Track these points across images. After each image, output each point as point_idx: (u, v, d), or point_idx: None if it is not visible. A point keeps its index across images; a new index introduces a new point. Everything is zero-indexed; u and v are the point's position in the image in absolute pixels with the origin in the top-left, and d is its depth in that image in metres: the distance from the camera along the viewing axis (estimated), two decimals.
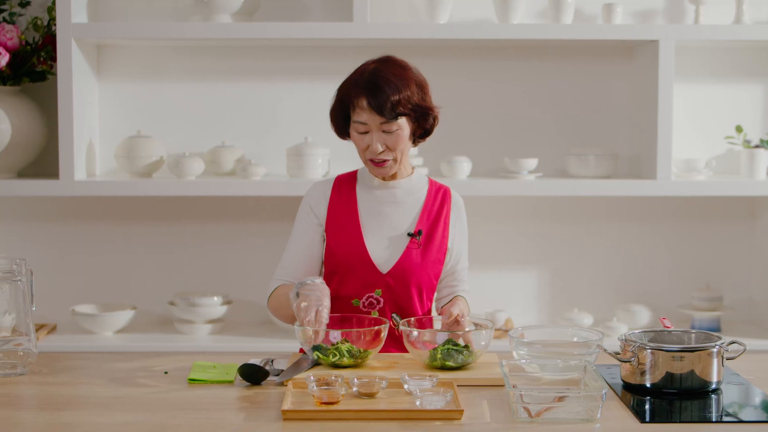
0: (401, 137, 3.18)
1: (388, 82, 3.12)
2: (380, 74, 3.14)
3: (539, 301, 4.71)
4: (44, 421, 2.54)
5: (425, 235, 3.27)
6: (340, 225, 3.27)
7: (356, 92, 3.15)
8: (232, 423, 2.52)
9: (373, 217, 3.28)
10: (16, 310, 2.98)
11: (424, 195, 3.33)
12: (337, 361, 2.91)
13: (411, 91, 3.16)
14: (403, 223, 3.28)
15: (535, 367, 2.79)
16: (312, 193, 3.35)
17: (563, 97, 4.63)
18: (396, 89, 3.12)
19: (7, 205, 4.61)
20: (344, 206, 3.29)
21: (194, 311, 4.43)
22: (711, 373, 2.77)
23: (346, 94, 3.18)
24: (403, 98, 3.13)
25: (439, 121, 3.28)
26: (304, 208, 3.34)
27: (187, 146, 4.57)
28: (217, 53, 4.58)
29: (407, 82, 3.16)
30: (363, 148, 3.20)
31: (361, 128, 3.17)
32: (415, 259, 3.24)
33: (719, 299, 4.56)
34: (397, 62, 3.22)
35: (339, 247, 3.25)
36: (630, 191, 4.32)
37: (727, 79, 4.65)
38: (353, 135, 3.21)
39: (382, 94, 3.11)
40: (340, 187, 3.33)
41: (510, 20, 4.35)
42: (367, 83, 3.14)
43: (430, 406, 2.56)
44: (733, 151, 4.67)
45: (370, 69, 3.18)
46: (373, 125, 3.15)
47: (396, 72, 3.16)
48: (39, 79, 4.43)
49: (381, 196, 3.30)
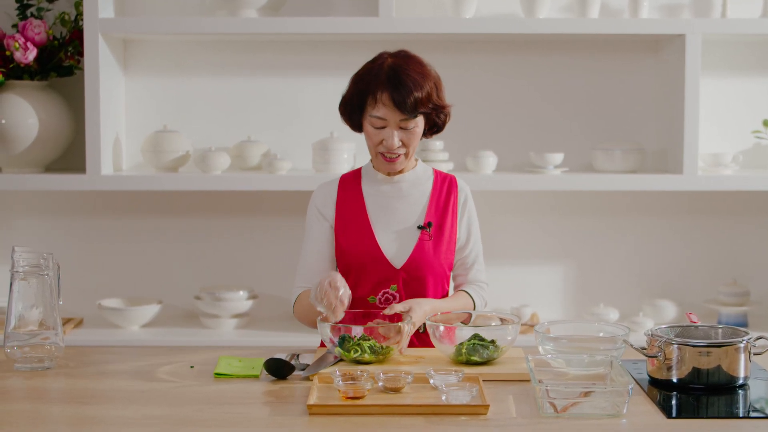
0: (417, 134, 3.18)
1: (411, 78, 3.11)
2: (402, 70, 3.12)
3: (565, 296, 4.70)
4: (71, 415, 2.56)
5: (435, 227, 3.26)
6: (350, 224, 3.26)
7: (377, 86, 3.12)
8: (258, 417, 2.52)
9: (382, 212, 3.27)
10: (44, 304, 2.99)
11: (430, 186, 3.31)
12: (359, 357, 2.91)
13: (430, 89, 3.14)
14: (412, 216, 3.27)
15: (561, 362, 2.78)
16: (318, 195, 3.33)
17: (589, 92, 4.62)
18: (418, 86, 3.11)
19: (34, 199, 4.63)
20: (352, 205, 3.28)
21: (220, 306, 4.44)
22: (738, 369, 2.75)
23: (365, 87, 3.15)
24: (424, 96, 3.12)
25: (450, 118, 3.27)
26: (312, 212, 3.32)
27: (213, 141, 4.58)
28: (243, 48, 4.58)
29: (427, 79, 3.15)
30: (377, 142, 3.18)
31: (378, 123, 3.15)
32: (428, 252, 3.23)
33: (746, 294, 4.54)
34: (416, 58, 3.21)
35: (351, 246, 3.24)
36: (656, 186, 4.31)
37: (754, 72, 4.63)
38: (367, 128, 3.19)
39: (405, 89, 3.09)
40: (345, 186, 3.31)
41: (536, 15, 4.34)
42: (390, 78, 3.11)
43: (456, 401, 2.56)
44: (760, 145, 4.65)
45: (390, 63, 3.16)
46: (392, 121, 3.13)
47: (417, 68, 3.15)
48: (66, 74, 4.45)
49: (387, 191, 3.29)
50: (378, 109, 3.13)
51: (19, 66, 4.33)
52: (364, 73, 3.19)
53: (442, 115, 3.22)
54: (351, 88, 3.22)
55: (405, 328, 2.95)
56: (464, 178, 4.26)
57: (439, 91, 3.19)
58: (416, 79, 3.11)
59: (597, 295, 4.68)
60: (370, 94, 3.14)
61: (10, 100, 4.34)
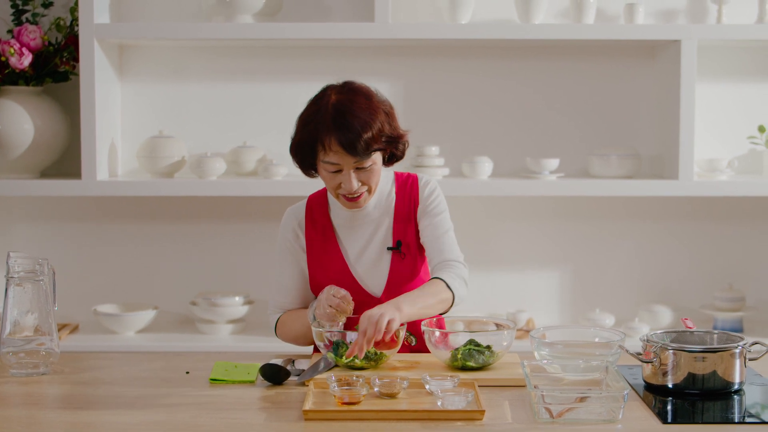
0: (376, 171, 3.03)
1: (357, 118, 2.93)
2: (347, 110, 2.94)
3: (561, 301, 4.70)
4: (66, 421, 2.55)
5: (405, 243, 3.15)
6: (323, 257, 3.16)
7: (325, 131, 2.94)
8: (254, 423, 2.52)
9: (353, 242, 3.16)
10: (39, 310, 2.99)
11: (393, 200, 3.17)
12: (351, 363, 2.91)
13: (381, 123, 2.97)
14: (381, 238, 3.16)
15: (557, 367, 2.78)
16: (287, 223, 3.20)
17: (585, 97, 4.62)
18: (367, 125, 2.93)
19: (29, 205, 4.63)
20: (322, 237, 3.17)
21: (215, 311, 4.44)
22: (733, 374, 2.76)
23: (313, 132, 2.96)
24: (375, 133, 2.95)
25: (409, 145, 3.12)
26: (283, 240, 3.20)
27: (208, 146, 4.58)
28: (239, 53, 4.58)
29: (375, 114, 2.97)
30: (335, 186, 3.03)
31: (332, 168, 2.98)
32: (404, 271, 3.15)
33: (742, 300, 4.54)
34: (362, 90, 3.03)
35: (328, 280, 3.13)
36: (652, 191, 4.31)
37: (749, 78, 4.63)
38: (322, 173, 3.03)
39: (352, 133, 2.91)
40: (313, 215, 3.19)
41: (532, 20, 4.34)
42: (335, 121, 2.93)
43: (452, 406, 2.56)
44: (756, 151, 4.65)
45: (333, 103, 2.97)
46: (346, 165, 2.97)
47: (362, 104, 2.97)
48: (61, 80, 4.45)
49: (355, 218, 3.16)
50: (329, 156, 2.96)
51: (15, 71, 4.33)
52: (308, 115, 3.01)
53: (399, 145, 3.07)
54: (298, 132, 3.04)
55: (402, 333, 2.94)
56: (461, 184, 4.28)
57: (392, 121, 3.03)
58: (363, 119, 2.94)
59: (593, 301, 4.68)
60: (319, 140, 2.95)
61: (6, 105, 4.34)
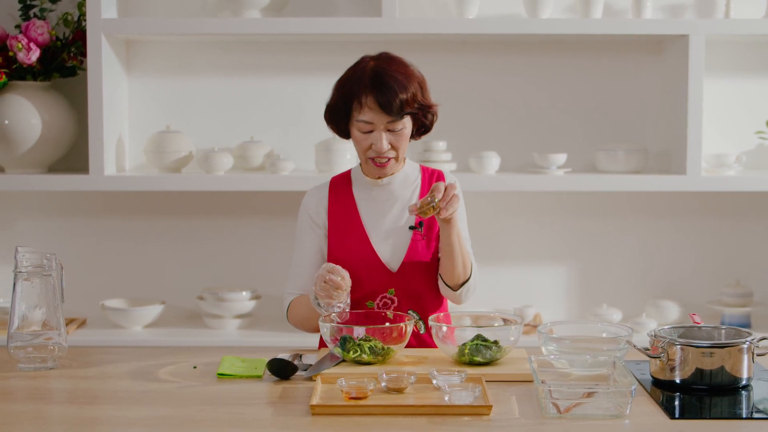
0: (405, 136, 3.15)
1: (395, 79, 3.08)
2: (385, 71, 3.10)
3: (568, 296, 4.70)
4: (73, 415, 2.56)
5: (427, 226, 3.22)
6: (344, 231, 3.23)
7: (361, 90, 3.09)
8: (261, 418, 2.52)
9: (375, 216, 3.24)
10: (47, 305, 2.99)
11: (419, 184, 3.28)
12: (358, 358, 2.91)
13: (415, 89, 3.12)
14: (404, 218, 3.24)
15: (564, 362, 2.78)
16: (309, 201, 3.30)
17: (592, 92, 4.62)
18: (403, 87, 3.09)
19: (37, 199, 4.63)
20: (344, 211, 3.26)
21: (223, 306, 4.45)
22: (741, 370, 2.75)
23: (349, 92, 3.12)
24: (409, 97, 3.09)
25: (437, 118, 3.24)
26: (303, 218, 3.30)
27: (215, 141, 4.58)
28: (246, 48, 4.58)
29: (411, 79, 3.12)
30: (366, 147, 3.16)
31: (365, 127, 3.12)
32: (422, 252, 3.21)
33: (749, 295, 4.53)
34: (398, 59, 3.18)
35: (347, 253, 3.21)
36: (659, 187, 4.31)
37: (757, 73, 4.63)
38: (355, 134, 3.17)
39: (389, 92, 3.07)
40: (336, 191, 3.29)
41: (539, 15, 4.34)
42: (373, 81, 3.09)
43: (459, 401, 2.56)
44: (764, 146, 4.64)
45: (372, 66, 3.13)
46: (379, 124, 3.11)
47: (400, 69, 3.13)
48: (69, 75, 4.46)
49: (378, 193, 3.26)
50: (364, 113, 3.10)
51: (22, 66, 4.33)
52: (347, 78, 3.16)
53: (429, 114, 3.20)
54: (335, 94, 3.19)
55: (407, 328, 2.94)
56: (467, 178, 4.27)
57: (424, 91, 3.17)
58: (400, 80, 3.09)
59: (600, 296, 4.68)
60: (355, 98, 3.11)
61: (13, 100, 4.35)
